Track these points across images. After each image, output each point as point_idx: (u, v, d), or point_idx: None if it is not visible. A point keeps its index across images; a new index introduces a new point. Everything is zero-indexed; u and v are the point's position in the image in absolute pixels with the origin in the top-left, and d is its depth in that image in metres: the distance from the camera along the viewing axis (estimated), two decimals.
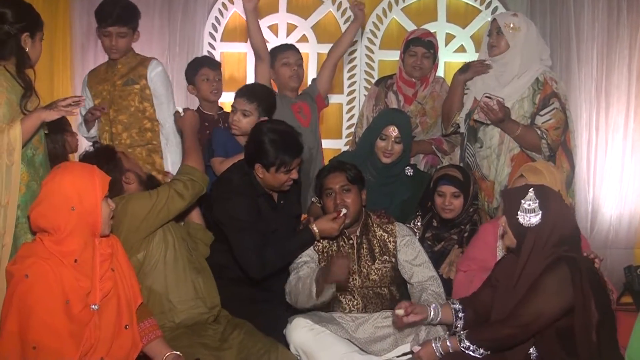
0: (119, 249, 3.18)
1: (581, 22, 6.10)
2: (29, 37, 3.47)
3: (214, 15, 6.27)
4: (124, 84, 4.48)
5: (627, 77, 6.13)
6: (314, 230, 3.81)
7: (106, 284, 3.00)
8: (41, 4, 5.91)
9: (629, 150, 6.15)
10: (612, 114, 6.15)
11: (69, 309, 2.87)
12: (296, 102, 4.79)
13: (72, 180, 2.99)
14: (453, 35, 6.29)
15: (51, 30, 5.92)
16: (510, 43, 4.30)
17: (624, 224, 6.14)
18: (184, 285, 3.64)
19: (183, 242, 3.77)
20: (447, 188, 4.13)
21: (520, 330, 3.12)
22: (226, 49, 6.31)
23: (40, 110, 3.37)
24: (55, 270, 2.87)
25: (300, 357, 3.68)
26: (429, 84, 4.96)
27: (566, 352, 3.12)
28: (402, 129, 4.27)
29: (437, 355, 3.26)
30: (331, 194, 3.85)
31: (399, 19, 6.28)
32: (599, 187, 6.15)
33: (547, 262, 3.13)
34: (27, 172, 3.41)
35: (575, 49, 6.11)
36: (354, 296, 3.87)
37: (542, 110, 4.29)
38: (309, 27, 6.30)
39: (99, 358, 2.97)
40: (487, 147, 4.37)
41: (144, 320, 3.18)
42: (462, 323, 3.44)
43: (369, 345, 3.66)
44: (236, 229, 3.82)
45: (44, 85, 5.91)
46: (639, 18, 6.09)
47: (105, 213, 3.02)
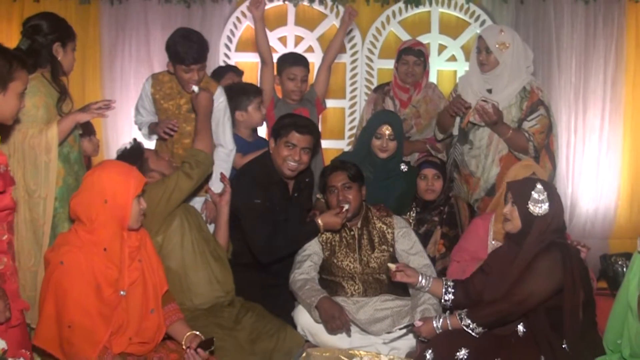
0: (147, 242, 3.17)
1: (561, 34, 6.13)
2: (60, 47, 3.49)
3: (229, 28, 6.24)
4: (189, 111, 4.17)
5: (603, 84, 6.15)
6: (318, 224, 3.81)
7: (134, 273, 3.01)
8: (74, 16, 5.98)
9: (604, 150, 6.19)
10: (589, 117, 6.18)
11: (99, 292, 2.88)
12: (297, 107, 4.72)
13: (109, 176, 3.00)
14: (445, 45, 6.26)
15: (83, 40, 5.91)
16: (499, 59, 4.26)
17: (599, 216, 6.18)
18: (201, 269, 3.63)
19: (201, 231, 3.74)
20: (429, 170, 4.24)
21: (514, 308, 3.14)
22: (240, 59, 6.26)
23: (74, 112, 3.41)
24: (87, 257, 2.87)
25: (306, 336, 3.71)
26: (422, 89, 4.95)
27: (552, 329, 3.14)
28: (394, 127, 4.26)
29: (437, 332, 3.27)
30: (334, 191, 3.86)
31: (396, 31, 6.24)
32: (577, 183, 6.19)
33: (540, 247, 3.16)
34: (64, 167, 3.43)
35: (555, 57, 6.14)
36: (355, 281, 3.87)
37: (529, 116, 4.27)
38: (314, 38, 6.27)
39: (127, 338, 2.98)
40: (477, 148, 4.36)
41: (167, 304, 3.18)
42: (452, 298, 3.46)
43: (368, 325, 3.66)
44: (251, 216, 3.83)
45: (76, 89, 5.91)
46: (614, 30, 6.11)
47: (135, 210, 3.01)
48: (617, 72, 6.13)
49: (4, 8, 6.11)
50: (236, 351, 3.39)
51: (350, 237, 3.90)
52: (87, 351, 2.81)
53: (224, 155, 4.16)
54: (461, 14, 6.20)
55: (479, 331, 3.17)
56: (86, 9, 6.11)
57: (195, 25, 6.02)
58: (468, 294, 3.44)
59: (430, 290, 3.54)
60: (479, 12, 6.16)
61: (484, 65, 4.30)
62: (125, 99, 6.09)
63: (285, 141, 3.89)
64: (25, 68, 2.90)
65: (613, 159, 6.16)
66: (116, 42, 6.15)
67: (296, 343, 3.63)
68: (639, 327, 2.71)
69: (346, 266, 3.86)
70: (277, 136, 3.94)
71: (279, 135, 3.92)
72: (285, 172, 3.95)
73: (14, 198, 2.92)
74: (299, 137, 3.88)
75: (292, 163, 3.91)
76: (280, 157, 3.91)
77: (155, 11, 6.09)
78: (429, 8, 6.19)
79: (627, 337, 2.80)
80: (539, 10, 6.10)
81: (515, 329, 3.23)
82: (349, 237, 3.90)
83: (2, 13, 6.11)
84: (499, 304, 3.16)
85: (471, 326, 3.17)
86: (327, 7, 6.18)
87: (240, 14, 6.20)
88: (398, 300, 3.79)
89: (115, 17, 6.12)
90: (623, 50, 6.11)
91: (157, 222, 3.53)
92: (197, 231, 3.70)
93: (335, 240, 3.90)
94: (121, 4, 6.11)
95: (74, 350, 2.82)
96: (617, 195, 6.18)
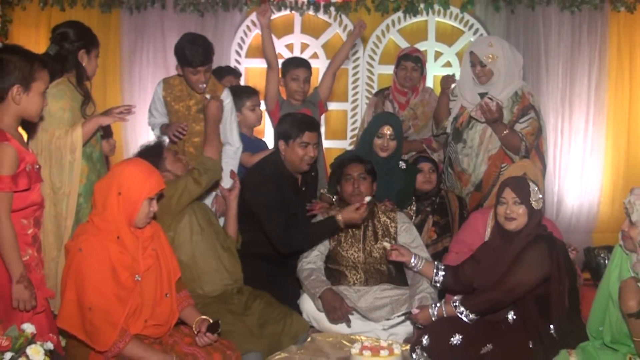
0: (160, 233, 3.17)
1: (549, 41, 6.12)
2: (85, 54, 3.50)
3: (240, 36, 6.27)
4: (198, 111, 4.20)
5: (587, 88, 6.14)
6: (338, 220, 3.70)
7: (148, 260, 3.00)
8: (96, 24, 6.00)
9: (589, 150, 6.18)
10: (574, 119, 6.17)
11: (115, 276, 2.87)
12: (301, 108, 4.71)
13: (130, 172, 2.98)
14: (441, 52, 6.27)
15: (104, 46, 5.81)
16: (493, 70, 4.23)
17: (583, 212, 6.17)
18: (211, 259, 3.65)
19: (211, 225, 3.75)
20: (425, 164, 4.32)
21: (505, 296, 3.16)
22: (249, 64, 6.29)
23: (98, 116, 3.42)
24: (103, 244, 2.87)
25: (311, 322, 3.71)
26: (419, 92, 4.98)
27: (540, 315, 3.15)
28: (395, 128, 4.26)
29: (432, 319, 3.29)
30: (350, 179, 3.86)
31: (395, 39, 6.25)
32: (563, 181, 6.18)
33: (528, 240, 3.18)
34: (87, 166, 3.44)
35: (544, 63, 6.14)
36: (358, 271, 3.87)
37: (521, 118, 4.25)
38: (319, 45, 6.28)
39: (143, 320, 2.98)
40: (469, 147, 4.34)
41: (179, 291, 3.18)
42: (441, 280, 3.50)
43: (369, 312, 3.66)
44: (268, 211, 3.81)
45: (98, 93, 5.94)
46: (597, 38, 6.10)
47: (144, 210, 2.96)
48: (600, 78, 6.11)
49: (32, 16, 6.13)
50: (246, 335, 3.39)
51: (356, 228, 3.89)
52: (107, 331, 2.82)
53: (231, 152, 4.19)
54: (456, 22, 6.21)
55: (472, 318, 3.19)
56: (108, 18, 6.15)
57: (208, 33, 6.00)
58: (458, 278, 3.46)
59: (421, 271, 3.57)
60: (473, 21, 6.16)
61: (480, 77, 4.26)
62: (143, 102, 6.07)
63: (299, 142, 3.87)
64: (46, 68, 2.91)
65: (596, 159, 6.15)
66: (135, 48, 6.18)
67: (302, 328, 3.63)
68: (619, 315, 2.71)
69: (350, 255, 3.86)
70: (287, 138, 3.91)
71: (289, 137, 3.90)
72: (303, 168, 3.95)
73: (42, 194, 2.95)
74: (311, 135, 3.89)
75: (308, 159, 3.92)
76: (297, 157, 3.90)
77: (171, 20, 6.11)
78: (425, 17, 6.20)
79: (608, 325, 2.81)
80: (529, 20, 6.10)
81: (505, 316, 3.25)
82: (355, 228, 3.90)
83: (30, 21, 6.14)
84: (491, 293, 3.18)
85: (464, 313, 3.20)
86: (331, 17, 6.20)
87: (250, 23, 6.23)
88: (396, 290, 3.79)
89: (134, 25, 6.16)
90: (606, 57, 6.10)
91: (167, 219, 3.55)
92: (207, 225, 3.71)
93: (343, 231, 3.88)
94: (140, 13, 6.14)
95: (96, 331, 2.82)
96: (600, 192, 6.16)
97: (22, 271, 2.71)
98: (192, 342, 3.08)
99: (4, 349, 2.30)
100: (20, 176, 2.73)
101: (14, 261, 2.70)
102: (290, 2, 6.13)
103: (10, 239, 2.70)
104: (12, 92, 2.75)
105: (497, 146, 4.27)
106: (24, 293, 2.70)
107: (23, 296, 2.70)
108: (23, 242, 2.79)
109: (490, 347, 3.07)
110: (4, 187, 2.68)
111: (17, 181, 2.72)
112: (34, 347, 2.34)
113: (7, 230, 2.69)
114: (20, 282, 2.70)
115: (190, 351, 3.04)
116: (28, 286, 2.72)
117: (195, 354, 3.02)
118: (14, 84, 2.75)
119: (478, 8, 6.13)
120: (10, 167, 2.70)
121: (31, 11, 6.14)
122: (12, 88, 2.75)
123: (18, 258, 2.72)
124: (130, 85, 6.20)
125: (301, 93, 4.71)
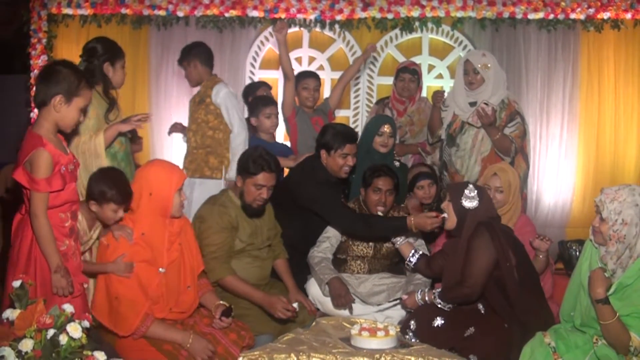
0: (188, 229, 3.17)
1: (529, 57, 6.12)
2: (110, 66, 3.55)
3: (254, 50, 6.25)
4: (198, 103, 4.42)
5: (562, 99, 6.15)
6: (410, 222, 3.55)
7: (173, 254, 3.03)
8: (128, 39, 6.03)
9: (563, 155, 6.18)
10: (551, 126, 6.16)
11: (139, 269, 2.91)
12: (313, 116, 4.74)
13: (155, 173, 3.02)
14: (434, 65, 6.25)
15: (134, 59, 5.97)
16: (484, 77, 4.22)
17: (558, 209, 6.16)
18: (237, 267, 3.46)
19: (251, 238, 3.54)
20: (424, 181, 4.20)
21: (472, 289, 3.16)
22: (263, 75, 6.26)
23: (117, 123, 3.45)
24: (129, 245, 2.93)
25: (316, 304, 3.70)
26: (416, 101, 4.99)
27: (506, 300, 3.14)
28: (392, 126, 4.25)
29: (419, 304, 3.31)
30: (379, 192, 3.77)
31: (392, 53, 6.24)
32: (541, 182, 6.17)
33: (470, 232, 3.19)
34: (111, 164, 3.42)
35: (524, 76, 6.13)
36: (364, 263, 3.86)
37: (509, 123, 4.24)
38: (325, 59, 6.27)
39: (168, 308, 3.01)
40: (462, 150, 4.32)
41: (199, 279, 3.20)
42: (414, 262, 3.56)
43: (368, 297, 3.66)
44: (330, 204, 3.78)
45: (128, 100, 5.97)
46: (571, 55, 6.11)
47: (177, 201, 3.01)
48: (573, 89, 6.11)
49: (73, 32, 6.14)
50: (259, 318, 3.37)
51: (421, 233, 3.80)
52: (130, 318, 2.85)
53: (238, 141, 4.30)
54: (447, 39, 6.20)
55: (449, 307, 3.20)
56: (138, 33, 6.14)
57: (226, 47, 6.13)
58: (429, 266, 3.50)
59: (400, 248, 3.63)
60: (462, 38, 6.16)
61: (472, 84, 4.25)
62: (168, 109, 6.16)
63: (340, 153, 3.80)
64: (91, 88, 2.92)
65: (570, 162, 6.15)
66: (162, 61, 6.17)
67: (309, 316, 3.59)
68: (589, 301, 2.72)
69: (360, 250, 3.82)
70: (329, 148, 3.82)
71: (331, 147, 3.82)
72: (342, 176, 3.87)
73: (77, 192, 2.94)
74: (351, 147, 3.83)
75: (347, 169, 3.86)
76: (337, 166, 3.82)
77: (194, 35, 6.08)
78: (420, 34, 6.19)
79: (579, 310, 2.81)
80: (511, 38, 6.09)
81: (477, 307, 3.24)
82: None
83: (72, 37, 6.14)
84: (459, 290, 3.18)
85: (442, 304, 3.21)
86: (335, 33, 6.18)
87: (263, 38, 6.22)
88: (393, 278, 3.79)
89: (161, 40, 6.15)
90: (578, 71, 6.10)
91: None
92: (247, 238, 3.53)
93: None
94: (166, 30, 6.13)
95: (120, 318, 2.86)
96: (572, 191, 6.15)
97: (58, 262, 2.71)
98: (211, 323, 3.11)
99: (47, 326, 2.33)
100: (55, 178, 2.72)
101: (51, 253, 2.71)
102: (300, 20, 6.13)
103: (47, 234, 2.70)
104: (54, 100, 2.75)
105: (488, 148, 4.24)
106: (61, 281, 2.71)
107: (61, 284, 2.71)
108: (61, 234, 2.79)
109: (473, 329, 3.07)
110: (40, 188, 2.67)
111: (52, 183, 2.70)
112: (73, 324, 2.35)
113: (44, 227, 2.69)
114: (58, 272, 2.70)
115: (208, 331, 3.06)
116: (65, 275, 2.72)
117: (214, 333, 3.06)
118: (58, 93, 2.75)
119: (467, 26, 6.12)
120: (45, 170, 2.68)
121: (73, 28, 6.14)
122: (55, 96, 2.75)
123: (55, 250, 2.72)
124: (157, 94, 6.19)
125: (311, 100, 4.72)
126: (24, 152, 2.71)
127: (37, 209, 2.68)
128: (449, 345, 3.10)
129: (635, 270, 2.65)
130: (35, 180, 2.66)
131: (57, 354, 2.32)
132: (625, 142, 6.14)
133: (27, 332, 2.30)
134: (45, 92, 2.76)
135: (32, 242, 2.75)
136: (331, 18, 6.10)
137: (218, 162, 4.40)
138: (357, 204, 3.92)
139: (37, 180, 2.67)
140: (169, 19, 6.10)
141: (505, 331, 3.07)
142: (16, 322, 2.32)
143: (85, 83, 2.84)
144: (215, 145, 4.40)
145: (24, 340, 2.28)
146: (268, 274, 3.67)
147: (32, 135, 2.74)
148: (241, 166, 3.48)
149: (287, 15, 6.07)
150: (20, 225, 2.82)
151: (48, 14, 6.11)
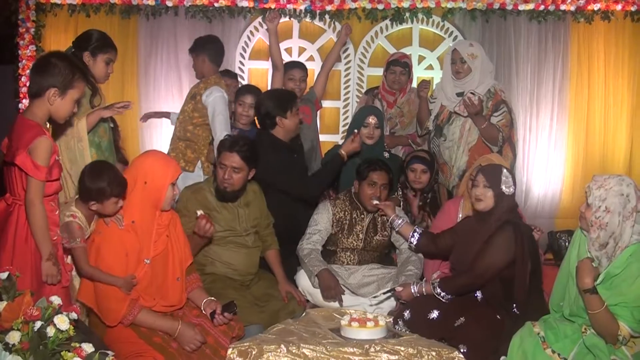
0: (176, 222, 3.16)
1: (519, 48, 6.13)
2: (90, 57, 3.55)
3: (244, 40, 6.22)
4: (191, 97, 4.48)
5: (552, 90, 6.16)
6: (342, 154, 3.93)
7: (159, 247, 3.00)
8: (117, 29, 6.03)
9: (553, 145, 6.21)
10: (541, 117, 6.18)
11: (126, 258, 2.89)
12: (300, 105, 4.67)
13: (151, 162, 3.01)
14: (424, 56, 6.25)
15: (123, 48, 5.89)
16: (471, 67, 4.25)
17: (547, 200, 6.19)
18: (222, 254, 3.53)
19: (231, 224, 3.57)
20: (417, 165, 4.08)
21: (476, 280, 3.17)
22: (252, 66, 6.26)
23: (100, 109, 3.47)
24: (120, 230, 2.92)
25: (306, 296, 3.70)
26: (406, 93, 4.95)
27: (504, 296, 3.16)
28: (378, 118, 4.24)
29: (414, 296, 3.30)
30: (373, 186, 3.75)
31: (383, 44, 6.22)
32: (530, 172, 6.20)
33: (497, 225, 3.17)
34: (96, 153, 3.47)
35: (514, 67, 6.14)
36: (353, 254, 3.84)
37: (495, 112, 4.26)
38: (315, 49, 6.24)
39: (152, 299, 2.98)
40: (450, 140, 4.33)
41: (189, 274, 3.17)
42: (415, 241, 3.54)
43: (358, 289, 3.67)
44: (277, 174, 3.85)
45: (117, 89, 5.96)
46: (560, 46, 6.13)
47: (169, 194, 2.99)
48: (563, 81, 6.13)
49: (62, 22, 6.09)
50: (249, 308, 3.36)
51: (360, 220, 3.83)
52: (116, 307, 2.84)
53: None
54: (437, 30, 6.19)
55: (448, 298, 3.20)
56: (127, 23, 6.10)
57: None
58: (435, 243, 3.47)
59: (401, 230, 3.62)
60: (452, 29, 6.14)
61: (459, 73, 4.27)
62: (157, 98, 6.13)
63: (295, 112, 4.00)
64: (85, 80, 2.92)
65: (559, 153, 6.18)
66: (151, 50, 6.14)
67: (299, 307, 3.59)
68: (577, 292, 2.74)
69: (350, 243, 3.81)
70: (282, 111, 3.95)
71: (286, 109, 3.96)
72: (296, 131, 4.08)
73: None
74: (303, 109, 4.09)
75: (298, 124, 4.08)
76: (294, 124, 4.01)
77: (183, 25, 6.08)
78: (410, 25, 6.18)
79: (568, 300, 2.82)
80: (501, 28, 6.10)
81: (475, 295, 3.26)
82: (359, 219, 3.83)
83: (60, 26, 6.09)
84: (464, 278, 3.19)
85: (442, 294, 3.21)
86: (325, 23, 6.16)
87: (253, 28, 6.19)
88: (383, 269, 3.78)
89: (150, 30, 6.12)
90: (568, 63, 6.12)
91: None
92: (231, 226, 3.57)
93: (347, 220, 3.82)
94: (155, 19, 6.10)
95: (105, 305, 2.85)
96: (562, 182, 6.18)
97: (51, 250, 2.72)
98: (200, 314, 3.09)
99: (34, 318, 2.32)
100: (54, 167, 2.75)
101: (44, 241, 2.71)
102: (290, 10, 6.10)
103: (42, 221, 2.71)
104: (49, 93, 2.75)
105: (475, 138, 4.26)
106: (52, 269, 2.71)
107: (51, 271, 2.71)
108: (52, 223, 2.79)
109: (463, 319, 3.08)
110: (41, 176, 2.68)
111: (52, 171, 2.73)
112: (60, 316, 2.34)
113: (40, 214, 2.70)
114: (49, 260, 2.71)
115: (197, 322, 3.04)
116: (56, 263, 2.73)
117: (203, 324, 3.03)
118: (53, 85, 2.75)
119: (457, 17, 6.11)
120: (47, 158, 2.71)
121: (61, 17, 6.09)
122: (50, 89, 2.74)
123: (48, 238, 2.73)
124: (146, 83, 6.16)
125: (298, 91, 4.69)
126: (25, 139, 2.70)
127: (35, 196, 2.69)
128: (439, 335, 3.11)
129: (623, 260, 2.66)
130: (39, 167, 2.67)
131: (45, 346, 2.31)
132: (615, 133, 6.17)
133: (14, 324, 2.29)
134: (39, 84, 2.76)
135: (16, 232, 2.74)
136: (321, 8, 6.08)
137: (194, 156, 4.45)
138: (347, 196, 3.91)
139: (40, 168, 2.68)
140: (158, 8, 6.06)
141: (497, 322, 3.09)
142: (3, 314, 2.31)
143: (80, 75, 2.84)
144: (195, 139, 4.46)
145: (11, 332, 2.27)
146: (256, 262, 3.66)
147: (30, 123, 2.74)
148: None
149: (277, 5, 6.05)
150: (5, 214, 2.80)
151: (36, 3, 6.06)
